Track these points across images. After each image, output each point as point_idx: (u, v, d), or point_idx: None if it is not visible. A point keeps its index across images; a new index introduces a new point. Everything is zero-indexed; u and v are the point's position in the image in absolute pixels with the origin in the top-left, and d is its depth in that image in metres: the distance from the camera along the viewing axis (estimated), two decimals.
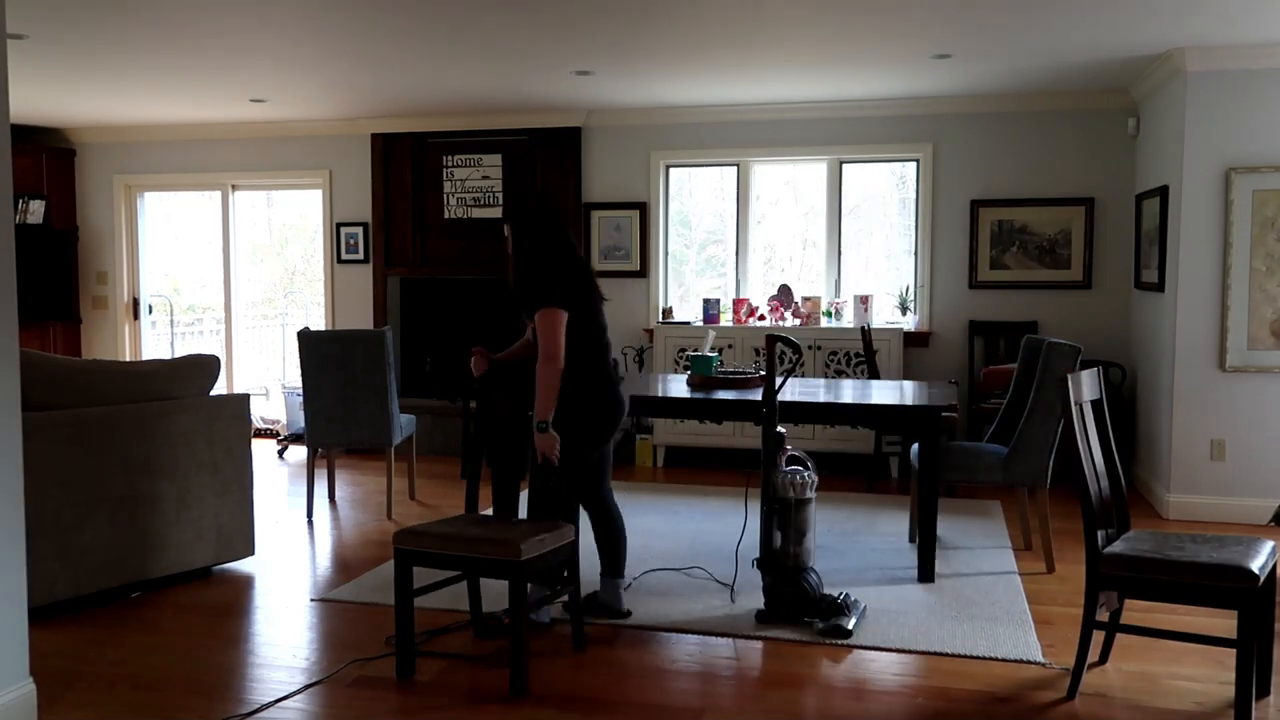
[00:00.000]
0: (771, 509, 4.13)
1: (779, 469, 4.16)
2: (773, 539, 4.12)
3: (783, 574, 4.10)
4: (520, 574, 3.43)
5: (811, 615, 4.06)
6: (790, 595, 4.09)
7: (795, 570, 4.09)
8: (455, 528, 3.65)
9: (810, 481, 4.14)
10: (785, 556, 4.10)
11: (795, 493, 4.10)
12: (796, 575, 4.09)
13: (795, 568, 4.10)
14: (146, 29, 5.23)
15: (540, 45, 5.55)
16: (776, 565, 4.11)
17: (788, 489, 4.11)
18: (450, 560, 3.58)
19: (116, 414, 4.31)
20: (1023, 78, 6.36)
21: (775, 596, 4.11)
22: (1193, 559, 3.19)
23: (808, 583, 4.10)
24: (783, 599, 4.10)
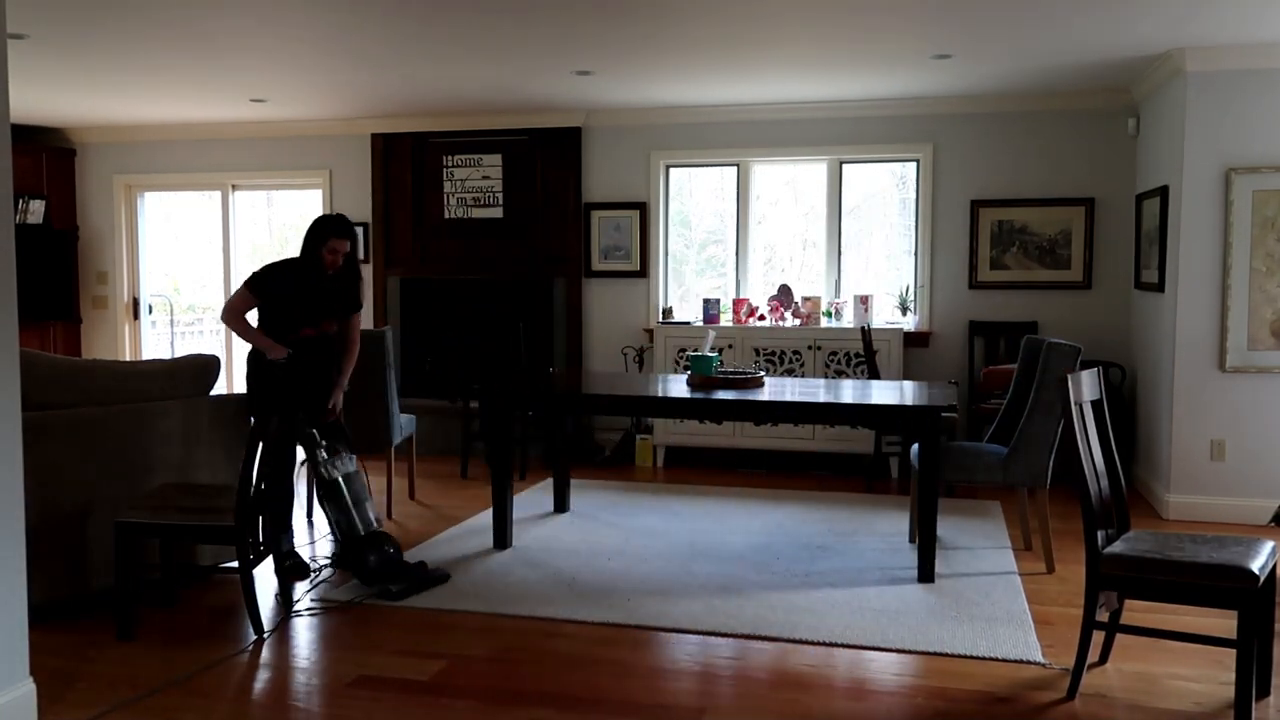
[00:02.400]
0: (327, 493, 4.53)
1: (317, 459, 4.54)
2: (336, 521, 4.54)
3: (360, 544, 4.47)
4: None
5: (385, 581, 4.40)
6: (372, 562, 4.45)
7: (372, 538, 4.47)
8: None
9: (348, 457, 4.55)
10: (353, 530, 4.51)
11: (337, 473, 4.47)
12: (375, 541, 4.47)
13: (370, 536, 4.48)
14: (146, 29, 5.23)
15: (540, 45, 5.55)
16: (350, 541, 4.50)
17: (330, 469, 4.46)
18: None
19: (116, 414, 4.31)
20: (1023, 78, 6.36)
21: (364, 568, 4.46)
22: (1193, 559, 3.20)
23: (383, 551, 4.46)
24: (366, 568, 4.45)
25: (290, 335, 4.73)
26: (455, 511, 5.96)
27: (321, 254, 4.71)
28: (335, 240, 4.70)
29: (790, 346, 7.12)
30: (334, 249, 4.71)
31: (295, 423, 4.55)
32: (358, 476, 4.62)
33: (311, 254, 4.73)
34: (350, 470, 4.57)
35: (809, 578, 4.67)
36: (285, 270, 4.78)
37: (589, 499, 6.16)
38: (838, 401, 4.87)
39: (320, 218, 4.79)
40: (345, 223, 4.77)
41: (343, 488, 4.51)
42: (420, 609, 4.28)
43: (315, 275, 4.75)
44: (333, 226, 4.72)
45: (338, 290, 4.84)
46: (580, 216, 7.80)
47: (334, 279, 4.80)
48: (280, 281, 4.74)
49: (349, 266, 4.83)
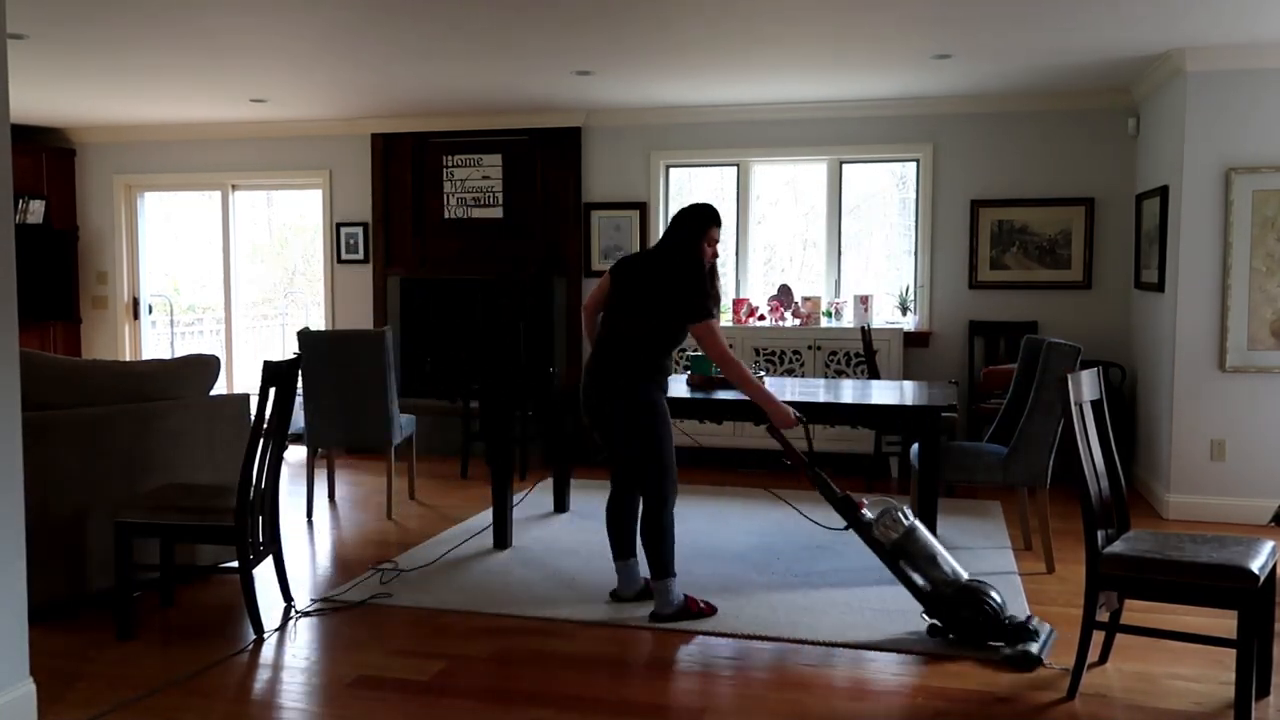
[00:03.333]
0: (892, 559, 4.02)
1: (869, 522, 4.08)
2: (914, 583, 3.98)
3: (951, 603, 3.88)
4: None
5: (997, 639, 3.82)
6: (969, 620, 3.84)
7: (963, 593, 3.87)
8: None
9: (900, 511, 4.04)
10: (938, 588, 3.94)
11: (897, 532, 4.00)
12: (968, 597, 3.85)
13: (959, 591, 3.88)
14: (146, 29, 5.23)
15: (540, 45, 5.55)
16: (938, 601, 3.92)
17: (888, 533, 4.01)
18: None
19: (116, 414, 4.31)
20: (1023, 78, 6.36)
21: (959, 625, 3.88)
22: (1193, 559, 3.20)
23: (989, 602, 3.83)
24: (965, 625, 3.86)
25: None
26: (455, 511, 5.97)
27: (703, 248, 4.09)
28: (716, 229, 4.13)
29: (790, 346, 7.12)
30: (714, 239, 4.13)
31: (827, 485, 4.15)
32: (918, 531, 4.02)
33: (696, 248, 4.07)
34: (909, 525, 4.01)
35: (809, 578, 4.67)
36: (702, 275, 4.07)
37: (589, 499, 6.15)
38: (838, 401, 4.87)
39: (696, 206, 4.16)
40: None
41: (907, 547, 3.99)
42: (420, 609, 4.28)
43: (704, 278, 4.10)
44: (712, 214, 4.13)
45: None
46: (580, 216, 7.80)
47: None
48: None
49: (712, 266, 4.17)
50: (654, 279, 4.10)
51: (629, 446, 4.12)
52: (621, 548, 4.35)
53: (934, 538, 4.09)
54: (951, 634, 3.89)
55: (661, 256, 4.15)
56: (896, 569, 4.03)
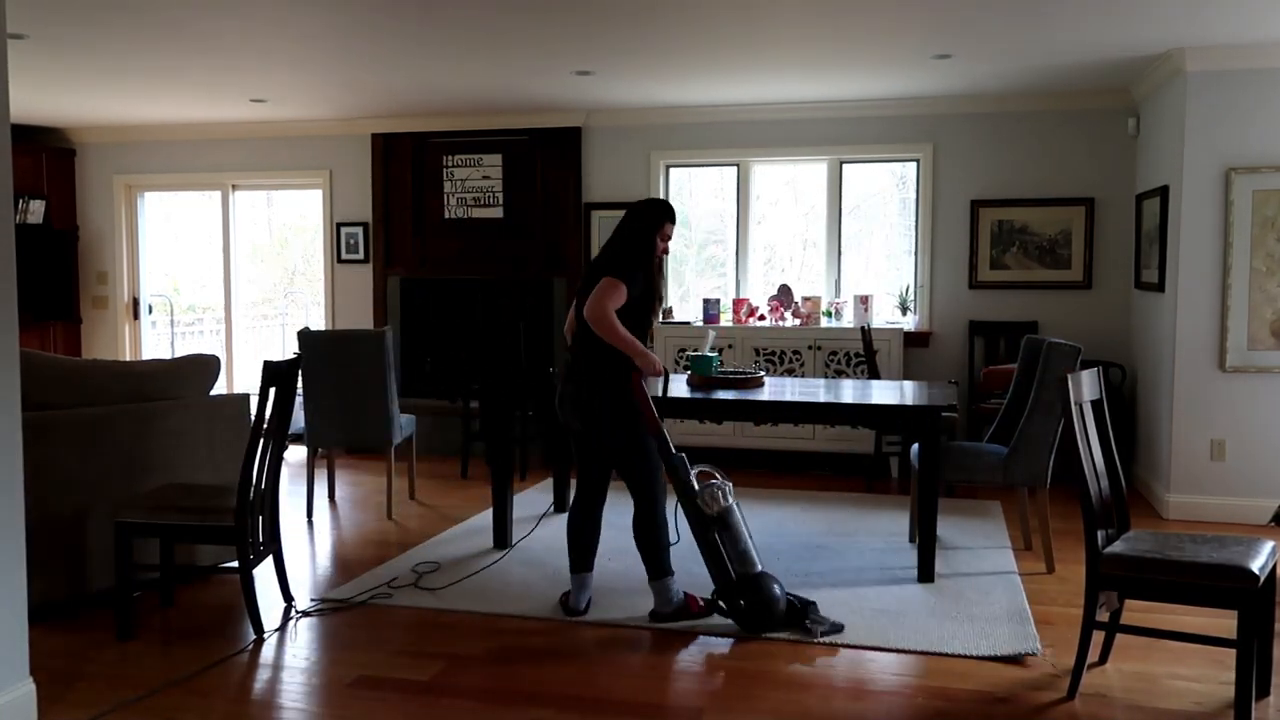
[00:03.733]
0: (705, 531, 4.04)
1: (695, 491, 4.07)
2: (719, 560, 4.02)
3: (738, 589, 3.99)
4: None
5: (776, 627, 3.95)
6: (751, 605, 3.96)
7: (750, 580, 3.97)
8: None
9: (724, 489, 4.05)
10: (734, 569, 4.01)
11: (717, 507, 4.01)
12: (752, 584, 3.97)
13: (749, 579, 3.98)
14: (146, 29, 5.23)
15: (540, 45, 5.55)
16: (728, 584, 4.01)
17: (710, 505, 4.02)
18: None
19: (116, 414, 4.31)
20: (1023, 78, 6.36)
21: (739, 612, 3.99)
22: (1193, 559, 3.20)
23: (770, 594, 3.95)
24: (745, 612, 3.97)
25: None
26: (455, 511, 5.97)
27: (655, 241, 4.14)
28: (670, 226, 4.18)
29: (790, 346, 7.12)
30: (667, 235, 4.18)
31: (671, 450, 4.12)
32: (734, 511, 4.07)
33: (647, 242, 4.12)
34: (729, 504, 4.05)
35: (809, 578, 4.67)
36: (642, 263, 4.11)
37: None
38: (838, 401, 4.87)
39: (652, 200, 4.26)
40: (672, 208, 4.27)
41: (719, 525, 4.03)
42: (421, 609, 4.28)
43: (654, 269, 4.16)
44: (668, 210, 4.20)
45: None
46: (580, 216, 7.80)
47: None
48: (645, 276, 4.12)
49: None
50: (600, 265, 4.13)
51: (614, 439, 4.08)
52: (583, 558, 4.25)
53: (744, 526, 4.09)
54: (734, 619, 4.00)
55: (612, 245, 4.17)
56: (707, 542, 4.05)
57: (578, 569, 4.26)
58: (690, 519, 4.09)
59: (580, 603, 4.25)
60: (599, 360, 4.06)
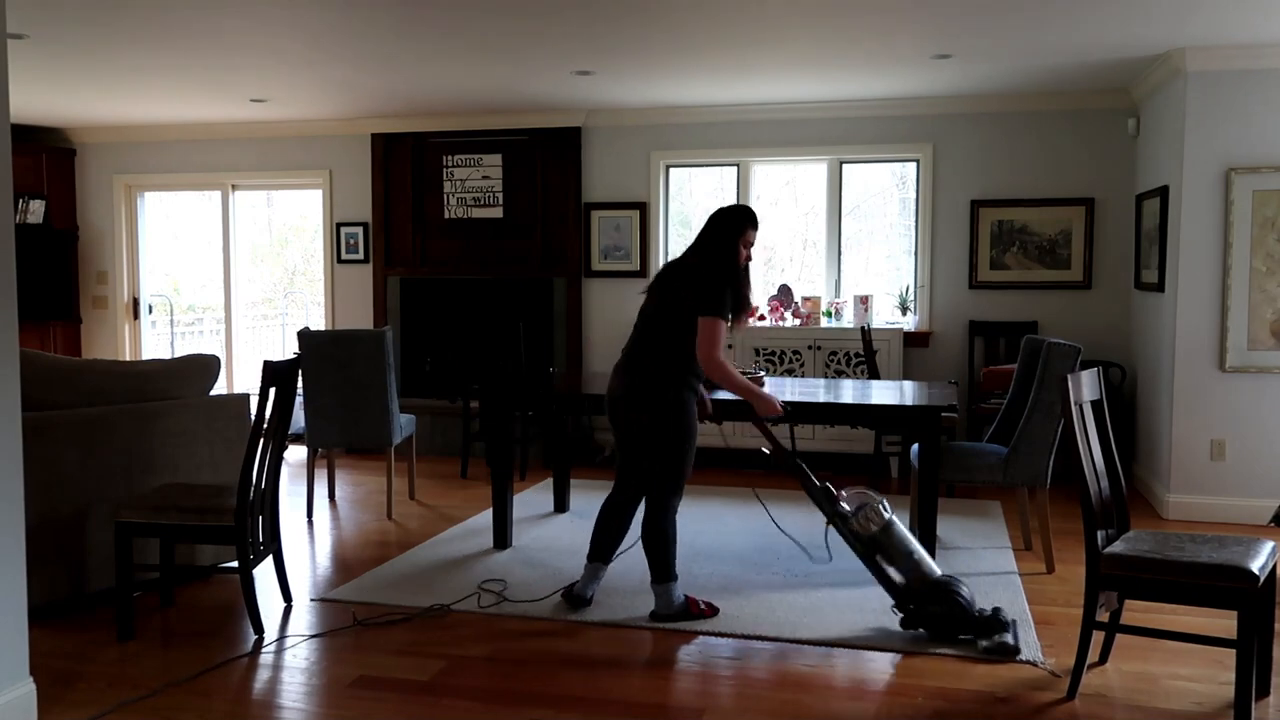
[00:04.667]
0: (869, 552, 4.03)
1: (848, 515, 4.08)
2: (888, 576, 4.01)
3: (923, 598, 3.91)
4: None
5: (968, 633, 3.85)
6: (941, 615, 3.87)
7: (935, 588, 3.90)
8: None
9: (880, 504, 4.04)
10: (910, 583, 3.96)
11: (875, 525, 4.00)
12: (939, 592, 3.89)
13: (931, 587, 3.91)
14: (146, 29, 5.23)
15: (540, 45, 5.55)
16: (910, 595, 3.95)
17: (867, 526, 4.01)
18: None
19: (116, 414, 4.31)
20: (1023, 78, 6.36)
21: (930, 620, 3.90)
22: (1193, 559, 3.19)
23: (960, 597, 3.86)
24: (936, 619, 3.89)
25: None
26: (455, 511, 5.97)
27: (740, 249, 4.03)
28: (753, 231, 4.08)
29: (790, 346, 7.12)
30: (750, 242, 4.07)
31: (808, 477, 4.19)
32: (896, 525, 4.03)
33: (732, 252, 4.02)
34: (888, 519, 4.02)
35: (809, 578, 4.67)
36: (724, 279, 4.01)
37: (589, 499, 6.15)
38: (838, 401, 4.87)
39: (733, 208, 4.12)
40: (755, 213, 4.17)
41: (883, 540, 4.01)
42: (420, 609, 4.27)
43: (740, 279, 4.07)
44: (751, 216, 4.09)
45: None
46: (580, 216, 7.80)
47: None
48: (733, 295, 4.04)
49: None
50: (684, 277, 4.05)
51: (652, 449, 4.05)
52: (603, 549, 4.29)
53: (909, 533, 4.09)
54: (923, 629, 3.91)
55: (694, 256, 4.09)
56: (872, 562, 4.05)
57: (594, 558, 4.28)
58: (851, 543, 4.10)
59: (587, 591, 4.26)
60: (649, 372, 4.03)
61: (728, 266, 4.01)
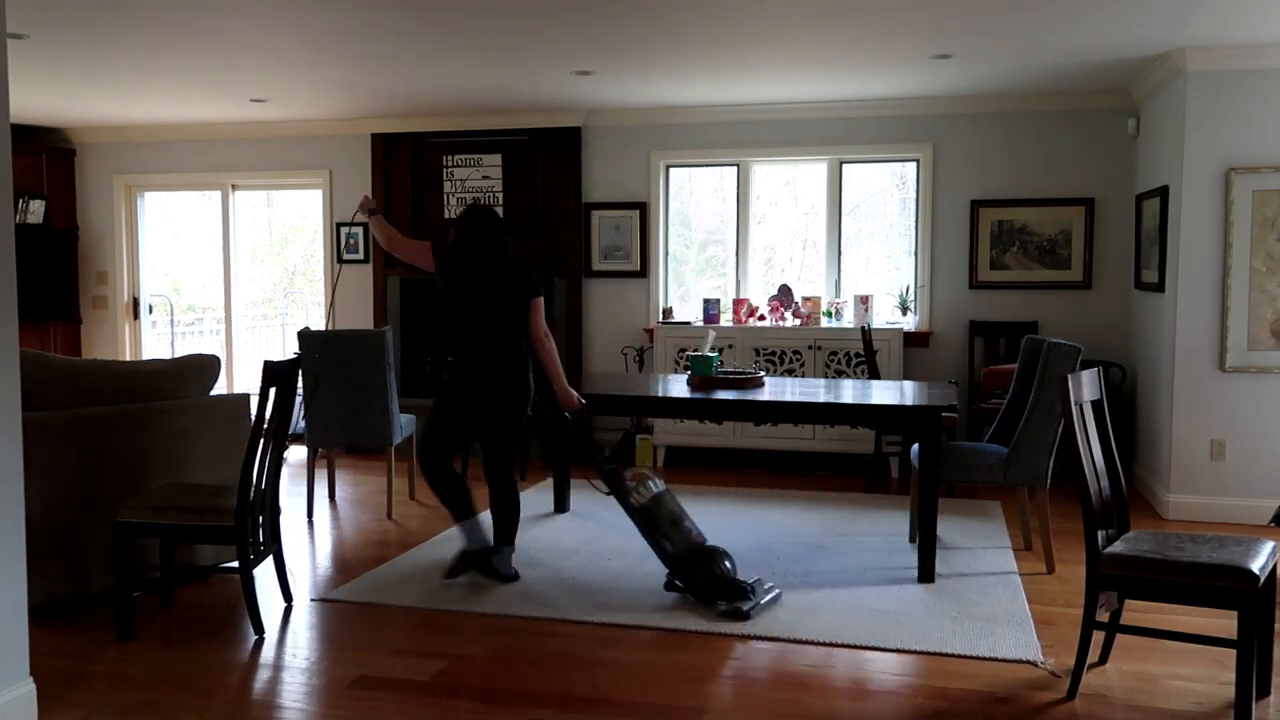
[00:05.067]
0: (643, 522, 4.37)
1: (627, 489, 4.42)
2: (660, 545, 4.35)
3: (690, 563, 4.27)
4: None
5: (724, 598, 4.18)
6: (705, 579, 4.23)
7: (700, 554, 4.27)
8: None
9: (653, 480, 4.41)
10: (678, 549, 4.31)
11: (647, 497, 4.35)
12: (702, 558, 4.26)
13: (697, 553, 4.28)
14: (147, 29, 5.23)
15: (540, 45, 5.55)
16: (679, 561, 4.30)
17: (640, 498, 4.34)
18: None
19: (116, 414, 4.31)
20: (1023, 78, 6.36)
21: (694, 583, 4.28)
22: (1193, 559, 3.19)
23: (720, 564, 4.25)
24: (699, 583, 4.25)
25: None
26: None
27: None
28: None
29: (790, 346, 7.12)
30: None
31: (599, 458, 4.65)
32: (668, 496, 4.45)
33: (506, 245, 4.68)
34: (659, 491, 4.42)
35: (809, 578, 4.67)
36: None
37: (589, 499, 6.15)
38: (838, 401, 4.87)
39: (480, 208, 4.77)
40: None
41: (655, 511, 4.37)
42: (420, 609, 4.28)
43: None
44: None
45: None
46: (580, 216, 7.80)
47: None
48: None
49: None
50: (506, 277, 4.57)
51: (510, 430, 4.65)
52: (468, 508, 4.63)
53: (681, 506, 4.48)
54: (689, 593, 4.27)
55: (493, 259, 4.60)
56: (645, 531, 4.39)
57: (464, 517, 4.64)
58: (630, 515, 4.44)
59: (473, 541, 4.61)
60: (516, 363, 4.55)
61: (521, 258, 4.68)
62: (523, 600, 4.37)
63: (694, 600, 4.25)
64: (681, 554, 4.30)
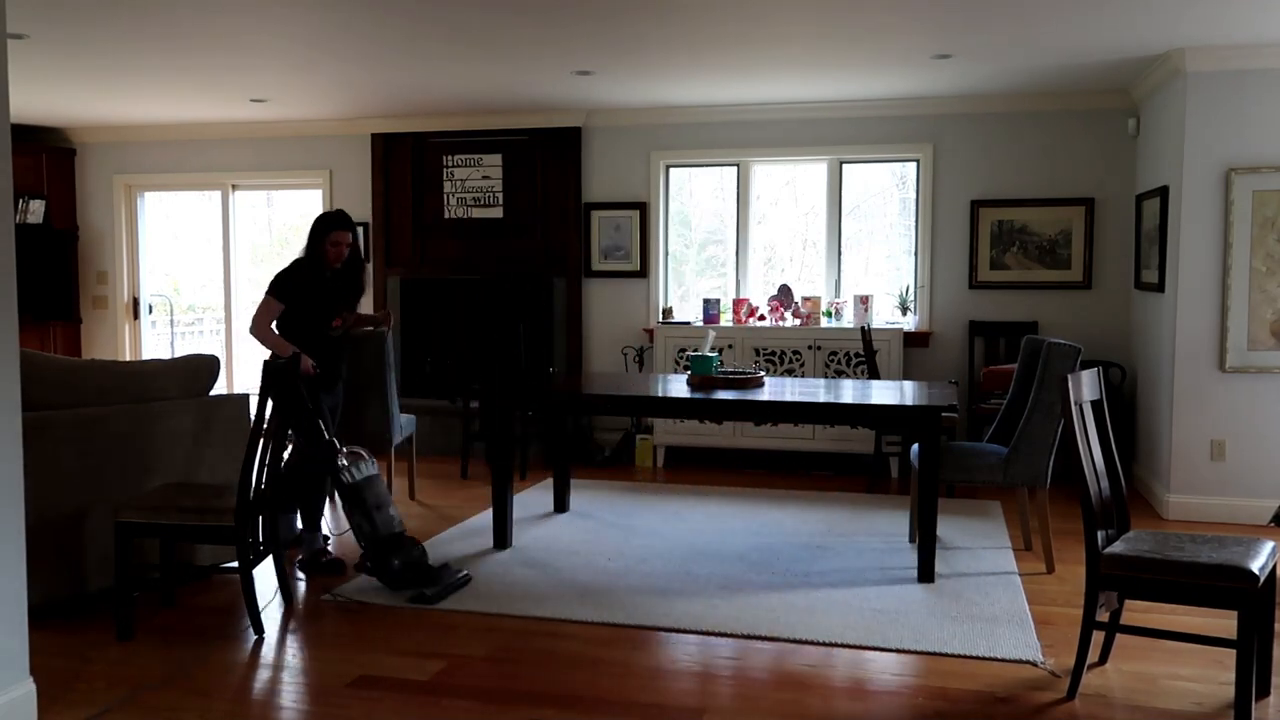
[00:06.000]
0: (349, 498, 4.45)
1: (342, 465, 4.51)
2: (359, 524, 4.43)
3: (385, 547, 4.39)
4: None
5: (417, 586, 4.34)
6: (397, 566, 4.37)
7: (395, 541, 4.41)
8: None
9: (368, 462, 4.53)
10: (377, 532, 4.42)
11: (359, 475, 4.46)
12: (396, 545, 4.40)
13: (392, 538, 4.41)
14: (147, 29, 5.23)
15: (540, 45, 5.55)
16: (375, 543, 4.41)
17: (352, 475, 4.43)
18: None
19: (116, 414, 4.31)
20: (1023, 78, 6.36)
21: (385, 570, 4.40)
22: (1193, 559, 3.19)
23: (413, 552, 4.41)
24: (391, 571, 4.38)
25: (311, 336, 4.87)
26: (455, 511, 5.96)
27: (325, 249, 4.84)
28: (338, 233, 4.84)
29: (790, 346, 7.12)
30: (336, 241, 4.85)
31: (318, 430, 4.63)
32: (378, 480, 4.57)
33: (316, 250, 4.87)
34: (371, 473, 4.53)
35: (809, 578, 4.67)
36: (298, 272, 4.91)
37: (589, 499, 6.16)
38: (838, 401, 4.87)
39: (321, 214, 4.95)
40: (345, 216, 4.97)
41: (364, 492, 4.45)
42: (420, 609, 4.28)
43: (324, 272, 4.90)
44: (334, 221, 4.88)
45: (346, 283, 5.02)
46: (580, 216, 7.80)
47: (339, 273, 4.96)
48: (297, 283, 4.88)
49: (353, 258, 4.99)
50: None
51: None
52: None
53: (387, 493, 4.58)
54: (379, 578, 4.41)
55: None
56: (349, 508, 4.45)
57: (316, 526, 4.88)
58: (340, 491, 4.51)
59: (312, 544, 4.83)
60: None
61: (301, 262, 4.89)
62: (523, 600, 4.37)
63: (383, 586, 4.41)
64: (380, 538, 4.41)
